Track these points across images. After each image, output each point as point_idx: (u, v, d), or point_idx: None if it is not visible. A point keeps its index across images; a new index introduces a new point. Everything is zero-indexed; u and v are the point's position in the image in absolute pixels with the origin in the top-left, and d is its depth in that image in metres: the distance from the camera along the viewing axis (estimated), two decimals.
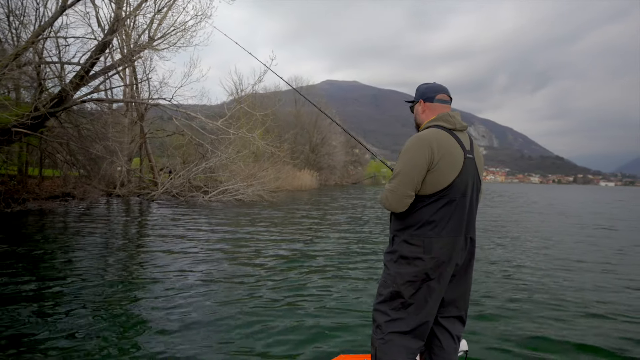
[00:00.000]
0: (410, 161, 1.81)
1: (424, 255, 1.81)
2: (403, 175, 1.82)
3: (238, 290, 4.39)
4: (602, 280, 5.34)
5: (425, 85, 2.08)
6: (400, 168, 1.84)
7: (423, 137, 1.84)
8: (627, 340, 3.33)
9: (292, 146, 37.23)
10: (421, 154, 1.80)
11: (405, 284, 1.84)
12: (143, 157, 20.46)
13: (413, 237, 1.84)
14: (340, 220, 10.98)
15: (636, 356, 3.07)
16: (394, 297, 1.88)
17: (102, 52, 10.69)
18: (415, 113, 2.10)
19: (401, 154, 1.88)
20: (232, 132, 11.93)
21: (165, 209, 12.55)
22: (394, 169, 1.91)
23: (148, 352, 2.88)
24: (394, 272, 1.88)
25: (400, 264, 1.87)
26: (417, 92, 2.09)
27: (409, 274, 1.84)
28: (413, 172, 1.80)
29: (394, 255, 1.91)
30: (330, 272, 5.26)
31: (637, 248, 8.15)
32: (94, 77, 11.55)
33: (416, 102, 2.08)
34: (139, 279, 4.70)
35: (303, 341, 3.15)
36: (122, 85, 15.82)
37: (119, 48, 13.80)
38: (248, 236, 7.87)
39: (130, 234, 7.96)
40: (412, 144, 1.85)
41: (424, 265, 1.82)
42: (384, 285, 1.94)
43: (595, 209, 20.59)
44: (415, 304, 1.85)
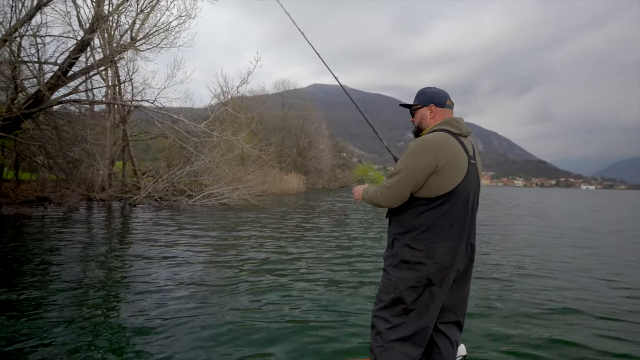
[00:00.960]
0: (414, 162, 1.80)
1: (427, 260, 1.79)
2: (403, 174, 1.80)
3: (222, 294, 4.22)
4: (579, 279, 5.43)
5: (432, 90, 2.06)
6: (402, 167, 1.82)
7: (430, 140, 1.83)
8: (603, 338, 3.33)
9: (279, 149, 36.98)
10: (426, 157, 1.79)
11: (408, 289, 1.82)
12: (126, 161, 19.98)
13: (415, 241, 1.82)
14: (327, 223, 10.82)
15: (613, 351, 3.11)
16: (396, 303, 1.85)
17: (81, 51, 10.36)
18: (420, 117, 2.06)
19: (405, 154, 1.85)
20: (216, 134, 11.68)
21: (148, 213, 12.20)
22: (396, 164, 1.91)
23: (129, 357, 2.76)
24: (396, 278, 1.85)
25: (402, 268, 1.84)
26: (424, 95, 2.06)
27: (411, 279, 1.81)
28: (414, 173, 1.79)
29: (394, 259, 1.89)
30: (318, 275, 5.12)
31: (613, 249, 8.23)
32: (73, 78, 11.19)
33: (424, 106, 2.04)
34: (119, 284, 4.49)
35: (298, 347, 3.04)
36: (104, 86, 15.37)
37: (100, 48, 13.46)
38: (232, 240, 7.65)
39: (110, 238, 7.64)
40: (419, 146, 1.83)
41: (427, 270, 1.79)
42: (384, 291, 1.90)
43: (578, 212, 20.94)
44: (416, 309, 1.83)
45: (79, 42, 10.05)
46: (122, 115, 17.84)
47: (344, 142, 76.33)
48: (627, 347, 3.23)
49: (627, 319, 3.88)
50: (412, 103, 2.10)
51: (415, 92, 2.15)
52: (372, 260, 6.30)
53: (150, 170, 19.02)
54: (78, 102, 12.19)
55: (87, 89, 14.76)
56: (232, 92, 12.28)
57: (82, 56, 11.83)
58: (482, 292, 4.65)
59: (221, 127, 12.81)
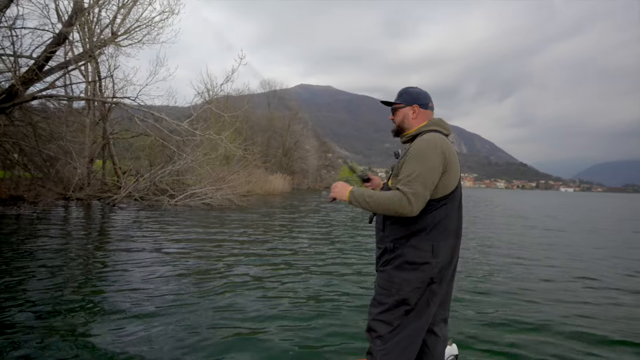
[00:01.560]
0: (429, 164, 1.77)
1: (432, 259, 1.79)
2: (424, 178, 1.75)
3: (201, 294, 4.07)
4: (549, 273, 5.64)
5: (416, 90, 2.03)
6: (420, 171, 1.75)
7: (434, 141, 1.83)
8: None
9: (264, 149, 36.70)
10: (437, 158, 1.78)
11: (413, 290, 1.80)
12: (106, 159, 19.45)
13: (422, 242, 1.80)
14: (310, 224, 10.72)
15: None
16: (399, 305, 1.82)
17: (58, 45, 9.99)
18: (402, 116, 2.02)
19: (415, 157, 1.79)
20: (198, 133, 11.43)
21: (128, 213, 11.87)
22: (405, 171, 1.79)
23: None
24: (400, 279, 1.81)
25: (405, 269, 1.81)
26: (407, 95, 2.02)
27: (417, 279, 1.79)
28: (432, 175, 1.76)
29: (396, 261, 1.84)
30: (301, 273, 5.01)
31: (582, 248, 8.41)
32: (50, 73, 10.79)
33: (407, 106, 2.01)
34: (96, 286, 4.28)
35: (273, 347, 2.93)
36: (83, 82, 14.90)
37: (80, 43, 13.03)
38: (214, 240, 7.47)
39: (85, 238, 7.37)
40: (427, 147, 1.80)
41: (431, 269, 1.79)
42: (385, 294, 1.85)
43: (558, 213, 21.41)
44: (416, 309, 1.82)
45: (56, 36, 9.69)
46: (103, 113, 17.35)
47: (329, 142, 76.40)
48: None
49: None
50: (395, 101, 2.05)
51: None
52: (354, 258, 6.23)
53: (131, 170, 18.55)
54: (55, 97, 11.76)
55: (65, 84, 14.31)
56: (216, 90, 11.99)
57: (61, 51, 11.45)
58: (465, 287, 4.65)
59: (204, 125, 12.55)
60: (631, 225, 16.07)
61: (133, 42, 11.23)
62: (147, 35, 11.45)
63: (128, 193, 13.69)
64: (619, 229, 14.04)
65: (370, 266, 5.95)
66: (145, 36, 11.35)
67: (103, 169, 19.30)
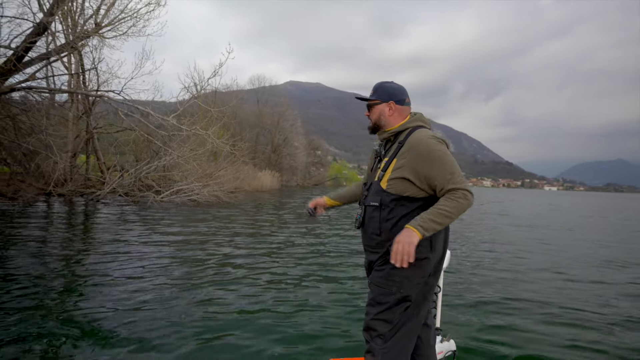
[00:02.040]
0: (449, 155, 1.77)
1: (431, 254, 1.78)
2: (458, 170, 1.75)
3: (185, 290, 3.98)
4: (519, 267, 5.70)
5: (391, 85, 1.96)
6: (453, 167, 1.74)
7: (435, 135, 1.83)
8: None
9: (253, 146, 36.42)
10: (445, 148, 1.79)
11: (413, 287, 1.79)
12: (90, 154, 18.99)
13: (422, 239, 1.74)
14: (297, 220, 10.63)
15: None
16: (400, 302, 1.79)
17: (38, 35, 9.66)
18: (378, 113, 1.95)
19: (439, 156, 1.75)
20: (185, 128, 11.20)
21: (112, 209, 11.59)
22: (440, 173, 1.73)
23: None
24: (401, 278, 1.77)
25: (405, 267, 1.72)
26: (383, 91, 1.95)
27: (417, 276, 1.78)
28: (457, 164, 1.77)
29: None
30: (288, 271, 4.93)
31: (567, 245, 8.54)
32: (30, 64, 10.45)
33: (382, 102, 1.94)
34: (75, 279, 4.13)
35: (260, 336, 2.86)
36: (66, 74, 14.47)
37: (62, 33, 12.63)
38: (199, 237, 7.32)
39: (67, 235, 7.14)
40: (436, 142, 1.78)
41: (429, 264, 1.79)
42: (385, 293, 1.80)
43: (542, 212, 21.75)
44: (414, 304, 1.81)
45: (36, 25, 9.36)
46: (86, 106, 16.92)
47: (318, 140, 76.23)
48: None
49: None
50: (370, 97, 1.98)
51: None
52: (342, 257, 6.18)
53: (115, 165, 18.15)
54: (35, 89, 11.38)
55: (47, 76, 13.89)
56: (203, 85, 11.74)
57: (42, 42, 11.09)
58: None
59: (191, 120, 12.30)
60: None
61: (118, 34, 10.95)
62: (133, 28, 11.19)
63: (112, 189, 13.39)
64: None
65: (352, 262, 5.91)
66: (131, 28, 11.09)
67: (87, 164, 18.85)
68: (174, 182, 15.06)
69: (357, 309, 3.92)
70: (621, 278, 5.92)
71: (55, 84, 15.09)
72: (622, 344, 3.38)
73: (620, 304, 4.56)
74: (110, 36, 10.85)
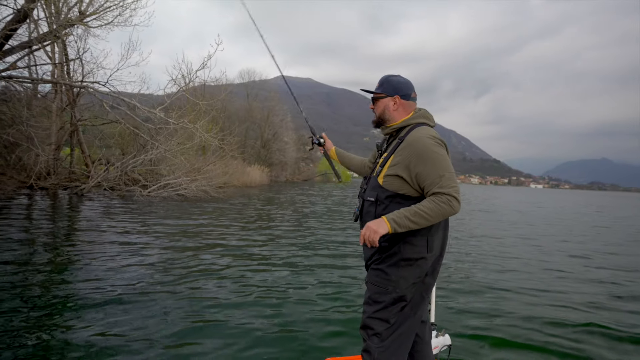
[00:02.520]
0: (444, 158, 1.73)
1: (427, 253, 1.76)
2: (450, 172, 1.71)
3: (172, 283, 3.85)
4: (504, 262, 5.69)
5: (397, 79, 1.93)
6: (445, 168, 1.70)
7: (432, 134, 1.79)
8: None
9: (242, 140, 36.08)
10: (444, 150, 1.76)
11: (410, 286, 1.77)
12: (75, 147, 18.52)
13: (418, 238, 1.75)
14: (286, 215, 10.53)
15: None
16: (396, 302, 1.78)
17: (19, 22, 9.32)
18: (383, 107, 1.92)
19: (431, 157, 1.71)
20: (172, 121, 10.96)
21: (97, 203, 11.32)
22: (432, 174, 1.69)
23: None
24: (397, 277, 1.76)
25: (402, 266, 1.76)
26: (389, 84, 1.91)
27: (413, 275, 1.77)
28: (452, 167, 1.73)
29: (392, 258, 1.78)
30: (285, 269, 4.84)
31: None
32: (11, 52, 10.08)
33: (388, 96, 1.91)
34: (60, 276, 3.96)
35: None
36: (49, 64, 14.04)
37: (46, 21, 12.20)
38: (186, 232, 7.18)
39: (48, 229, 6.92)
40: (433, 143, 1.74)
41: (426, 264, 1.78)
42: (381, 292, 1.80)
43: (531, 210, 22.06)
44: (412, 303, 1.80)
45: (17, 12, 9.02)
46: (70, 98, 16.46)
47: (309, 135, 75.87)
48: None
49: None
50: (376, 91, 1.94)
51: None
52: (331, 251, 6.11)
53: (101, 159, 17.76)
54: (16, 79, 11.00)
55: (29, 65, 13.46)
56: (191, 77, 11.47)
57: (25, 30, 10.72)
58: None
59: (178, 113, 12.03)
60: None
61: (103, 23, 10.62)
62: (119, 17, 10.87)
63: (97, 183, 13.08)
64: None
65: (341, 255, 5.86)
66: (117, 17, 10.76)
67: (71, 157, 18.40)
68: (161, 177, 14.79)
69: (349, 304, 3.89)
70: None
71: (38, 73, 14.67)
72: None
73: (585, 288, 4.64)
74: (95, 25, 10.53)
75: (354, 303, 3.98)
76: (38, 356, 2.60)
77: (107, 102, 10.74)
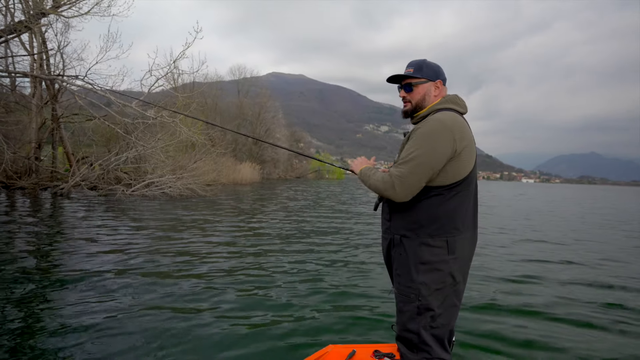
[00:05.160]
0: (432, 146, 1.56)
1: (448, 256, 1.61)
2: (420, 161, 1.56)
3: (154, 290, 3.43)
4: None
5: (435, 63, 1.78)
6: (417, 153, 1.57)
7: (447, 121, 1.61)
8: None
9: (233, 137, 35.51)
10: (445, 140, 1.57)
11: (433, 293, 1.62)
12: (57, 145, 17.85)
13: (434, 238, 1.62)
14: (276, 212, 10.10)
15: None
16: (421, 312, 1.64)
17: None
18: (423, 93, 1.74)
19: (419, 137, 1.60)
20: (150, 115, 10.41)
21: (78, 204, 10.76)
22: (404, 152, 1.63)
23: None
24: (417, 284, 1.63)
25: (421, 271, 1.63)
26: (428, 68, 1.74)
27: (436, 281, 1.62)
28: (432, 160, 1.56)
29: (410, 262, 1.66)
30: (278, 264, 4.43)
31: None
32: None
33: (429, 81, 1.74)
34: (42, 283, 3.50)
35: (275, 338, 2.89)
36: (24, 55, 13.36)
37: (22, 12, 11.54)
38: (170, 232, 6.71)
39: (26, 231, 6.40)
40: (436, 127, 1.59)
41: (449, 267, 1.62)
42: (405, 301, 1.68)
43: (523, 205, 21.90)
44: (444, 313, 1.65)
45: None
46: (51, 93, 15.78)
47: (301, 132, 75.55)
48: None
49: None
50: (414, 75, 1.73)
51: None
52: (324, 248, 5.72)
53: (85, 158, 17.10)
54: None
55: (5, 56, 12.81)
56: (169, 68, 10.88)
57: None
58: None
59: (156, 107, 11.45)
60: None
61: (79, 13, 10.04)
62: (96, 7, 10.28)
63: (76, 182, 12.50)
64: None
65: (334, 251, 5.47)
66: (94, 7, 10.18)
67: (53, 155, 17.73)
68: (145, 175, 14.23)
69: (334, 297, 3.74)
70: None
71: (16, 67, 13.98)
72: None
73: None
74: (70, 15, 9.94)
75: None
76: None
77: (79, 96, 10.15)
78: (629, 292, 4.44)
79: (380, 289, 4.15)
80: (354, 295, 3.91)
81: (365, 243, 6.90)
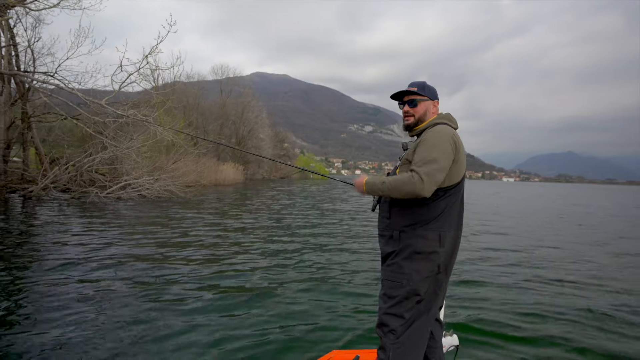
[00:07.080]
0: (445, 150, 1.79)
1: (440, 248, 1.81)
2: (442, 163, 1.76)
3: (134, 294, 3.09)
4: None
5: (433, 87, 2.07)
6: (436, 155, 1.76)
7: (447, 131, 1.87)
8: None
9: (216, 137, 34.88)
10: (450, 145, 1.81)
11: (423, 280, 1.81)
12: (28, 145, 17.03)
13: (429, 231, 1.81)
14: (262, 216, 9.78)
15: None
16: (409, 296, 1.82)
17: None
18: (425, 109, 2.03)
19: (430, 143, 1.80)
20: (123, 113, 9.88)
21: (45, 208, 10.20)
22: (419, 155, 1.80)
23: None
24: (410, 270, 1.81)
25: (415, 259, 1.81)
26: (429, 90, 2.04)
27: (426, 269, 1.81)
28: (445, 160, 1.78)
29: (405, 252, 1.84)
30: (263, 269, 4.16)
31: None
32: None
33: (430, 100, 2.03)
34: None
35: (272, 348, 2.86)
36: None
37: None
38: (148, 236, 6.33)
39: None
40: (441, 135, 1.83)
41: (439, 258, 1.82)
42: (396, 287, 1.84)
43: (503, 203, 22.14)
44: (426, 299, 1.84)
45: None
46: (21, 91, 15.01)
47: (285, 132, 75.01)
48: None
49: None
50: (420, 93, 2.00)
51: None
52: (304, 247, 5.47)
53: (57, 159, 16.33)
54: None
55: None
56: (142, 63, 10.32)
57: None
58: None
59: (128, 104, 10.93)
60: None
61: (46, 5, 9.48)
62: (65, 1, 9.73)
63: (45, 185, 11.87)
64: None
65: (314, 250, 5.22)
66: (62, 1, 9.63)
67: (23, 156, 16.90)
68: (121, 176, 13.67)
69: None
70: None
71: None
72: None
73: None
74: (37, 8, 9.38)
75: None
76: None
77: (45, 93, 9.59)
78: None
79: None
80: (358, 301, 3.88)
81: (368, 247, 6.85)
